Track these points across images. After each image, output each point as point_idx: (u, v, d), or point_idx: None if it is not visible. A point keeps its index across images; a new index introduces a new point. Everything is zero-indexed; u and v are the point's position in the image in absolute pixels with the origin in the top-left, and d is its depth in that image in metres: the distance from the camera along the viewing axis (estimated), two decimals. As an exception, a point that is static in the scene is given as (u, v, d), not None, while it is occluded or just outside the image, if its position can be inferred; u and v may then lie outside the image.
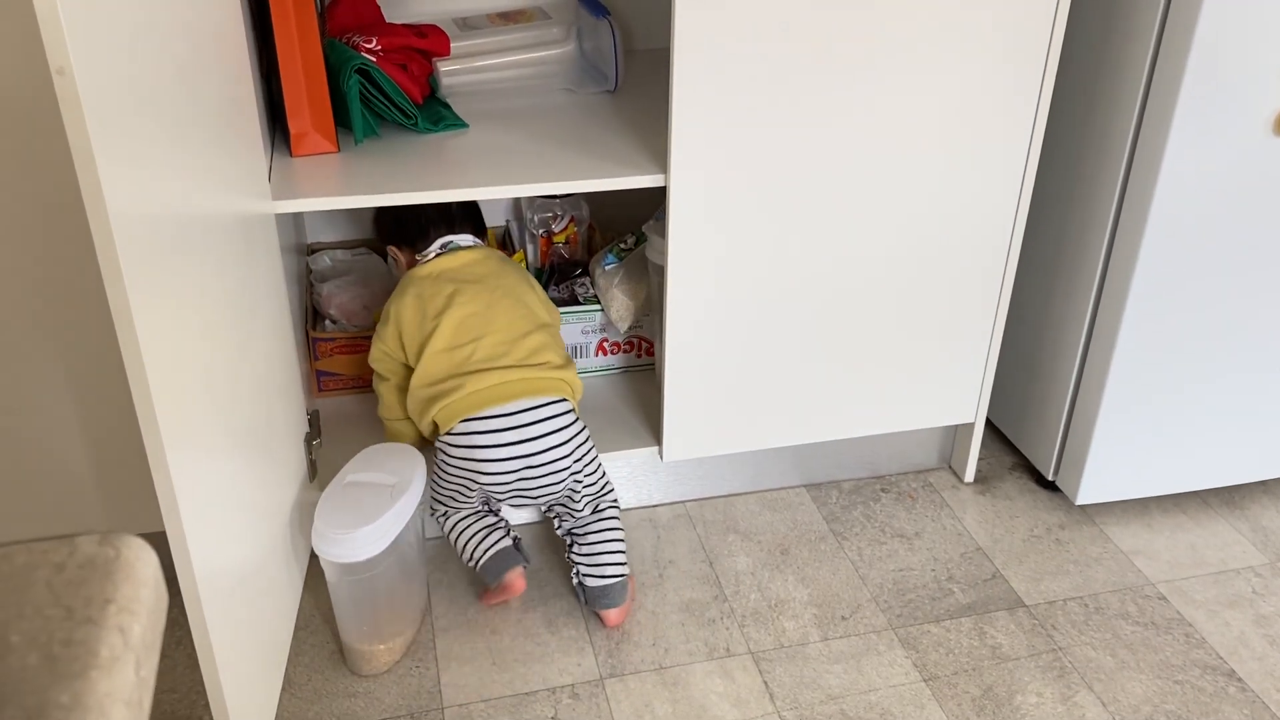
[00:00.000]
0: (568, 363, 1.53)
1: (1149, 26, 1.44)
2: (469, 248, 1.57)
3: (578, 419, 1.52)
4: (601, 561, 1.52)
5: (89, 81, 0.81)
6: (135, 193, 0.91)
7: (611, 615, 1.52)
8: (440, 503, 1.55)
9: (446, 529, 1.56)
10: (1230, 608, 1.60)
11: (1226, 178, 1.48)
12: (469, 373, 1.46)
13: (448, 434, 1.47)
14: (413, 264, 1.58)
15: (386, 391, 1.57)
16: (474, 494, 1.51)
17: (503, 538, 1.53)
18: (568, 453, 1.48)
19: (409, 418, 1.55)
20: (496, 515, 1.56)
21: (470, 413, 1.45)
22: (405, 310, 1.51)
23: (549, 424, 1.47)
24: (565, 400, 1.49)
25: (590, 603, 1.53)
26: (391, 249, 1.64)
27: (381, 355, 1.55)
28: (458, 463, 1.47)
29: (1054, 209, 1.67)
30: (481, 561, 1.52)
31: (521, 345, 1.49)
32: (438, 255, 1.55)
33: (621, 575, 1.53)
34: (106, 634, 0.34)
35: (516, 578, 1.52)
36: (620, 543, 1.55)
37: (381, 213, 1.67)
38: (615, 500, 1.58)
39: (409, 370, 1.51)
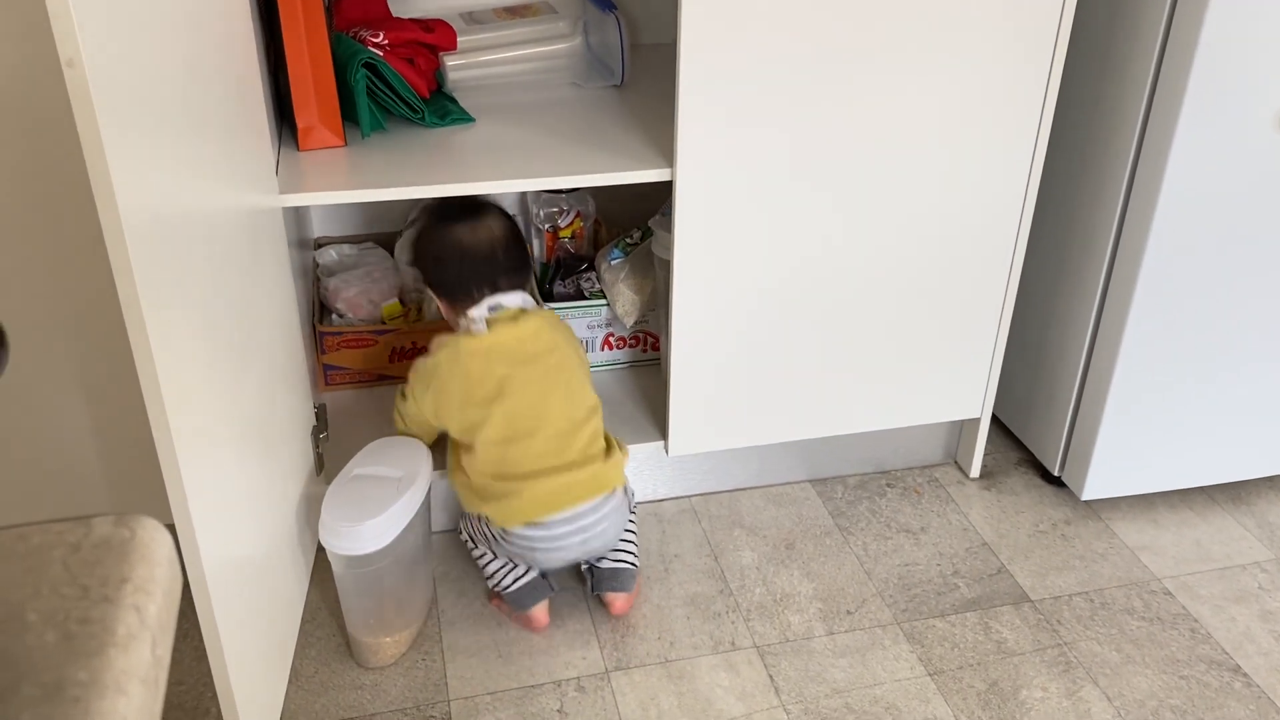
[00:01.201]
0: (614, 442, 1.52)
1: (1155, 23, 1.44)
2: (519, 312, 1.46)
3: (628, 494, 1.54)
4: (615, 545, 1.52)
5: (99, 74, 0.81)
6: (144, 186, 0.91)
7: (618, 601, 1.52)
8: (475, 544, 1.54)
9: (474, 553, 1.55)
10: (1236, 603, 1.60)
11: (1232, 174, 1.48)
12: (526, 475, 1.42)
13: (504, 529, 1.46)
14: (452, 314, 1.50)
15: (412, 431, 1.55)
16: (520, 562, 1.50)
17: (529, 568, 1.51)
18: (619, 527, 1.51)
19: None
20: None
21: (531, 519, 1.44)
22: (450, 387, 1.44)
23: (608, 517, 1.48)
24: (619, 488, 1.50)
25: (598, 586, 1.53)
26: (430, 291, 1.55)
27: (416, 417, 1.51)
28: (512, 549, 1.47)
29: (1060, 204, 1.67)
30: (509, 591, 1.50)
31: (577, 438, 1.45)
32: (486, 320, 1.44)
33: (633, 562, 1.54)
34: (123, 612, 0.34)
35: (542, 612, 1.51)
36: (633, 533, 1.56)
37: (421, 243, 1.53)
38: (632, 491, 1.59)
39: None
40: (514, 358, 1.44)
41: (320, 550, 1.54)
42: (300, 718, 1.38)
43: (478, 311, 1.45)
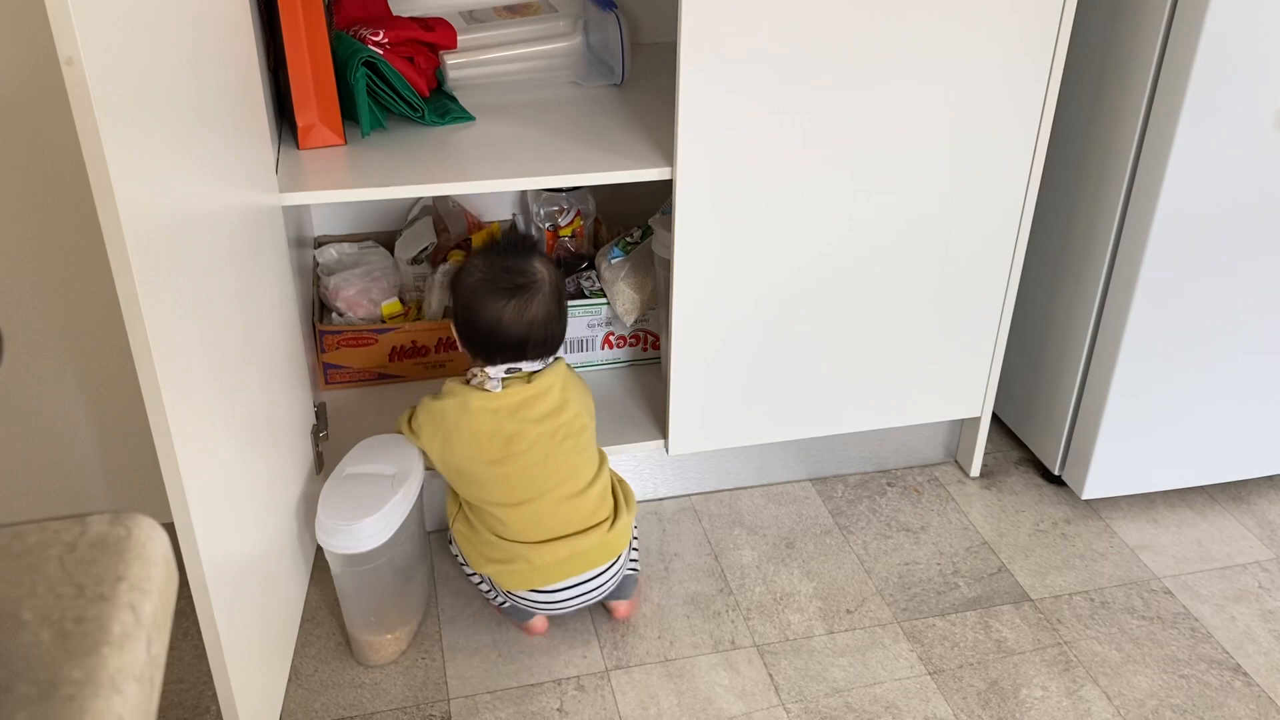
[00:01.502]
0: (620, 504, 1.47)
1: (1156, 22, 1.44)
2: (534, 373, 1.41)
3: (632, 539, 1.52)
4: None
5: (97, 72, 0.81)
6: (143, 184, 0.91)
7: (621, 607, 1.52)
8: (465, 563, 1.51)
9: (466, 570, 1.53)
10: (1236, 602, 1.60)
11: (1234, 172, 1.48)
12: (532, 543, 1.40)
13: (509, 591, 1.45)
14: (468, 359, 1.45)
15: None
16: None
17: None
18: (620, 575, 1.49)
19: None
20: None
21: (536, 585, 1.42)
22: (458, 439, 1.40)
23: (613, 577, 1.47)
24: (626, 549, 1.48)
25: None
26: (453, 327, 1.46)
27: (425, 450, 1.45)
28: (516, 601, 1.46)
29: (1061, 203, 1.67)
30: (506, 607, 1.49)
31: (585, 502, 1.42)
32: (501, 380, 1.40)
33: (634, 570, 1.54)
34: (118, 611, 0.34)
35: (540, 622, 1.50)
36: (635, 540, 1.56)
37: (463, 287, 1.42)
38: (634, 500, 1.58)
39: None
40: (523, 416, 1.39)
41: (320, 549, 1.54)
42: (300, 716, 1.38)
43: (495, 371, 1.40)
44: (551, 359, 1.44)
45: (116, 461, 1.42)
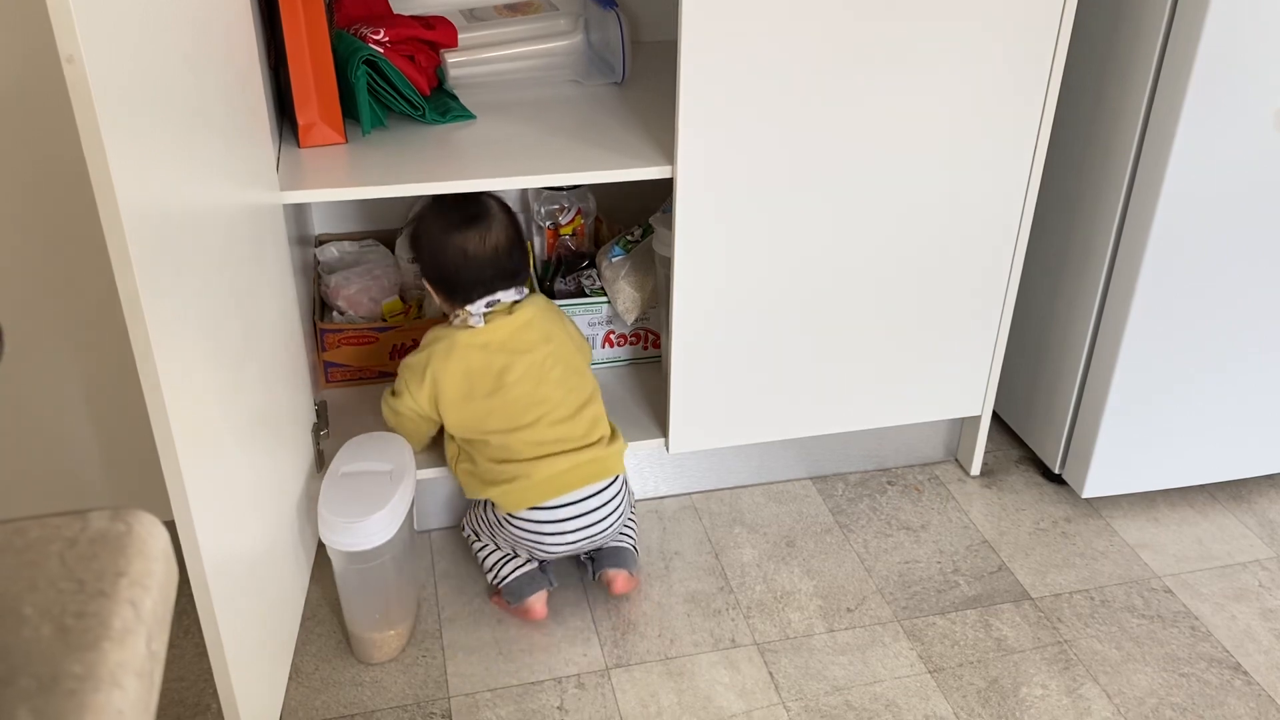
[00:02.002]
0: (614, 429, 1.54)
1: (1156, 22, 1.43)
2: (515, 304, 1.48)
3: (627, 483, 1.56)
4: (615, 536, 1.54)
5: (98, 69, 0.81)
6: (144, 182, 0.91)
7: (619, 579, 1.53)
8: (477, 536, 1.57)
9: (474, 545, 1.58)
10: (1236, 601, 1.60)
11: (1234, 172, 1.48)
12: (531, 459, 1.45)
13: (510, 514, 1.48)
14: (449, 306, 1.50)
15: (406, 430, 1.54)
16: (523, 551, 1.53)
17: (529, 559, 1.53)
18: (620, 516, 1.52)
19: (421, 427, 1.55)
20: None
21: (536, 502, 1.46)
22: (448, 380, 1.46)
23: (610, 503, 1.50)
24: (620, 475, 1.52)
25: (599, 565, 1.54)
26: (427, 284, 1.54)
27: (411, 412, 1.51)
28: (516, 535, 1.49)
29: (1061, 202, 1.67)
30: (507, 581, 1.51)
31: (579, 421, 1.47)
32: (483, 315, 1.46)
33: (633, 544, 1.56)
34: (118, 606, 0.35)
35: (538, 603, 1.51)
36: (633, 520, 1.59)
37: (422, 238, 1.51)
38: (631, 491, 1.62)
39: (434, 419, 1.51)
40: (511, 348, 1.46)
41: (320, 547, 1.54)
42: (301, 714, 1.38)
43: (475, 307, 1.46)
44: (527, 291, 1.51)
45: (117, 458, 1.43)
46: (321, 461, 1.57)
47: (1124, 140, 1.52)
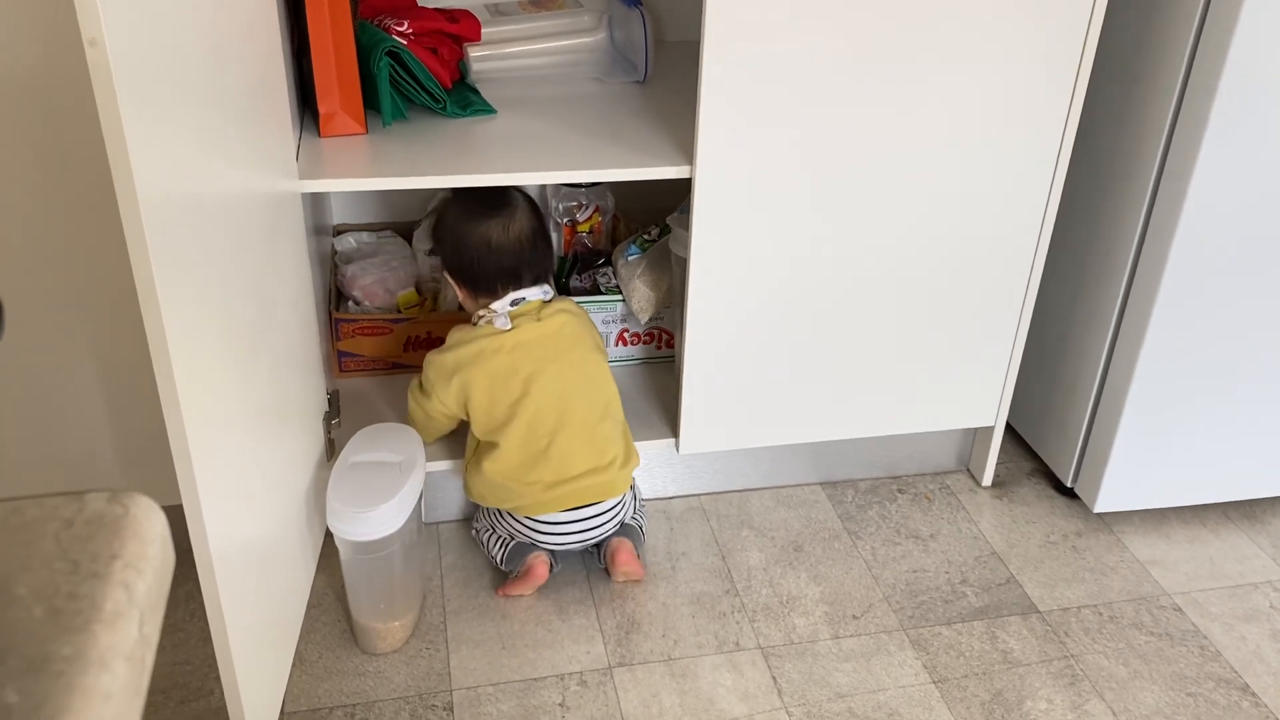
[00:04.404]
0: (629, 447, 1.54)
1: (1184, 35, 1.42)
2: (541, 305, 1.48)
3: (632, 488, 1.58)
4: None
5: (121, 53, 0.81)
6: (163, 166, 0.92)
7: (622, 554, 1.54)
8: (490, 530, 1.58)
9: (478, 533, 1.60)
10: (1247, 622, 1.58)
11: (1258, 188, 1.47)
12: (540, 483, 1.47)
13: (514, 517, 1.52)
14: (471, 303, 1.51)
15: (433, 429, 1.56)
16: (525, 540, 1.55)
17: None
18: (621, 519, 1.56)
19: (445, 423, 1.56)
20: None
21: (542, 514, 1.49)
22: (476, 384, 1.46)
23: (610, 513, 1.53)
24: (626, 492, 1.54)
25: (605, 542, 1.55)
26: (448, 276, 1.54)
27: (438, 411, 1.51)
28: (516, 528, 1.53)
29: (1082, 214, 1.66)
30: (510, 548, 1.54)
31: (594, 442, 1.48)
32: (509, 314, 1.46)
33: (640, 524, 1.58)
34: (111, 589, 0.34)
35: (539, 562, 1.52)
36: (640, 514, 1.61)
37: (444, 228, 1.53)
38: (638, 490, 1.64)
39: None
40: (539, 354, 1.45)
41: (328, 536, 1.55)
42: (303, 701, 1.39)
43: (500, 305, 1.46)
44: (553, 291, 1.50)
45: (129, 443, 1.43)
46: (332, 450, 1.57)
47: (1148, 152, 1.51)
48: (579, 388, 1.47)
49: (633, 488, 1.59)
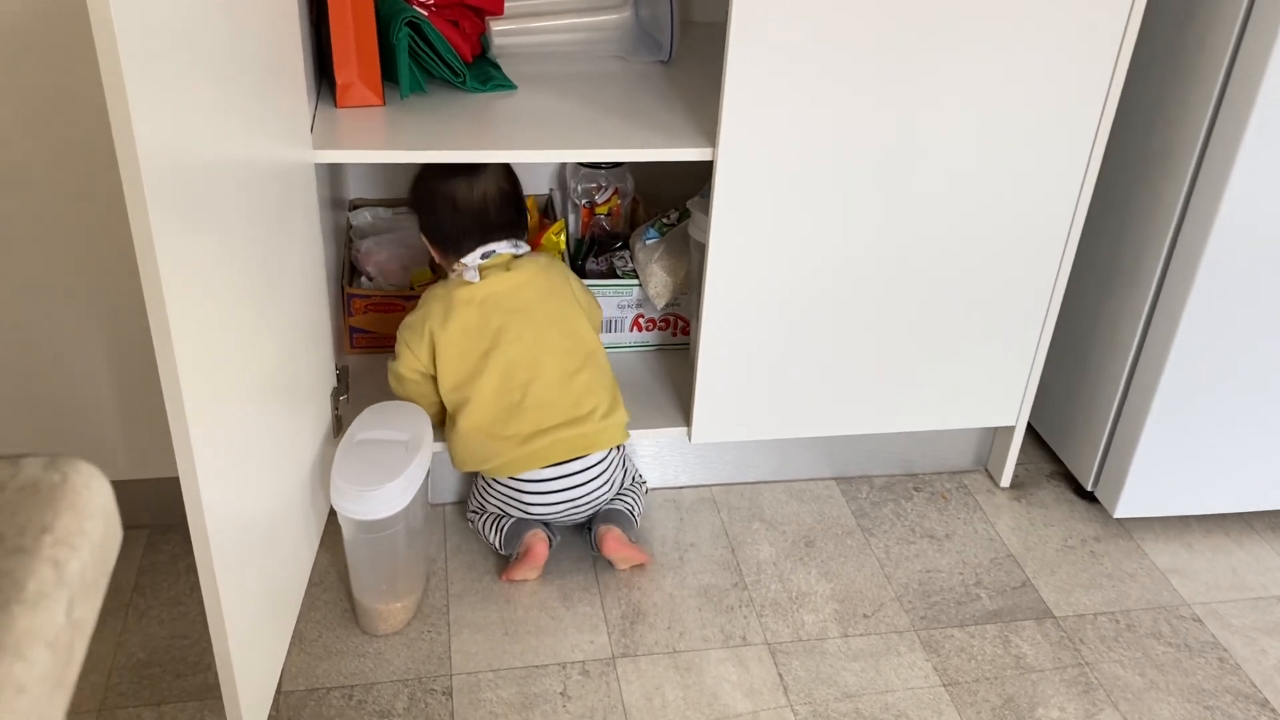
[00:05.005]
0: (614, 401, 1.51)
1: (1227, 31, 1.38)
2: (512, 258, 1.48)
3: (622, 454, 1.55)
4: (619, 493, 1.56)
5: (125, 9, 0.79)
6: (167, 130, 0.89)
7: (609, 539, 1.50)
8: (476, 512, 1.57)
9: (475, 523, 1.58)
10: (1269, 635, 1.54)
11: (1298, 189, 1.42)
12: (517, 436, 1.45)
13: (494, 479, 1.50)
14: (445, 261, 1.51)
15: (413, 393, 1.54)
16: (512, 512, 1.53)
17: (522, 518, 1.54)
18: (610, 488, 1.53)
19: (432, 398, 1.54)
20: None
21: (518, 473, 1.47)
22: (448, 337, 1.45)
23: (598, 477, 1.50)
24: (612, 450, 1.51)
25: (598, 521, 1.52)
26: (424, 239, 1.54)
27: (412, 373, 1.50)
28: (501, 493, 1.51)
29: (1114, 211, 1.62)
30: (505, 530, 1.51)
31: (569, 391, 1.46)
32: (479, 266, 1.46)
33: (630, 510, 1.55)
34: (37, 566, 0.31)
35: (537, 540, 1.50)
36: (637, 494, 1.58)
37: (417, 190, 1.53)
38: (643, 479, 1.62)
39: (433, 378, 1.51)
40: (509, 306, 1.45)
41: (332, 514, 1.52)
42: (301, 681, 1.37)
43: (470, 259, 1.46)
44: (526, 247, 1.50)
45: (132, 414, 1.41)
46: (339, 427, 1.55)
47: (1185, 151, 1.46)
48: (552, 337, 1.46)
49: (625, 462, 1.56)
